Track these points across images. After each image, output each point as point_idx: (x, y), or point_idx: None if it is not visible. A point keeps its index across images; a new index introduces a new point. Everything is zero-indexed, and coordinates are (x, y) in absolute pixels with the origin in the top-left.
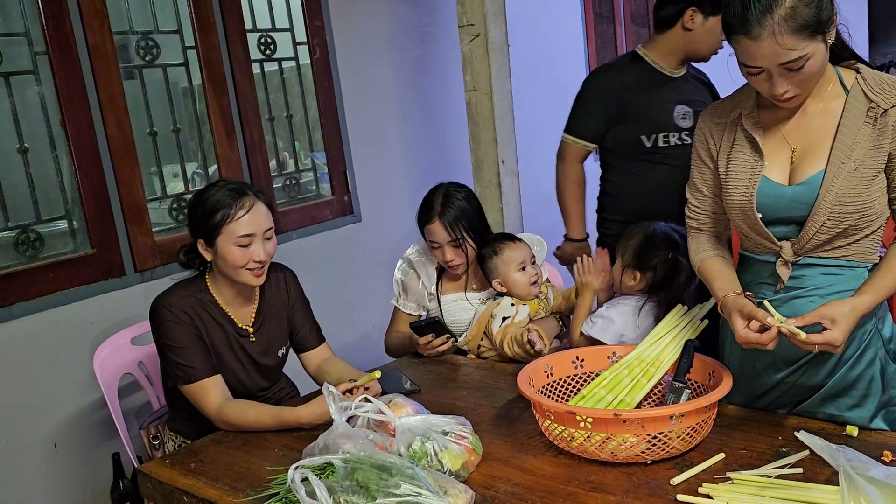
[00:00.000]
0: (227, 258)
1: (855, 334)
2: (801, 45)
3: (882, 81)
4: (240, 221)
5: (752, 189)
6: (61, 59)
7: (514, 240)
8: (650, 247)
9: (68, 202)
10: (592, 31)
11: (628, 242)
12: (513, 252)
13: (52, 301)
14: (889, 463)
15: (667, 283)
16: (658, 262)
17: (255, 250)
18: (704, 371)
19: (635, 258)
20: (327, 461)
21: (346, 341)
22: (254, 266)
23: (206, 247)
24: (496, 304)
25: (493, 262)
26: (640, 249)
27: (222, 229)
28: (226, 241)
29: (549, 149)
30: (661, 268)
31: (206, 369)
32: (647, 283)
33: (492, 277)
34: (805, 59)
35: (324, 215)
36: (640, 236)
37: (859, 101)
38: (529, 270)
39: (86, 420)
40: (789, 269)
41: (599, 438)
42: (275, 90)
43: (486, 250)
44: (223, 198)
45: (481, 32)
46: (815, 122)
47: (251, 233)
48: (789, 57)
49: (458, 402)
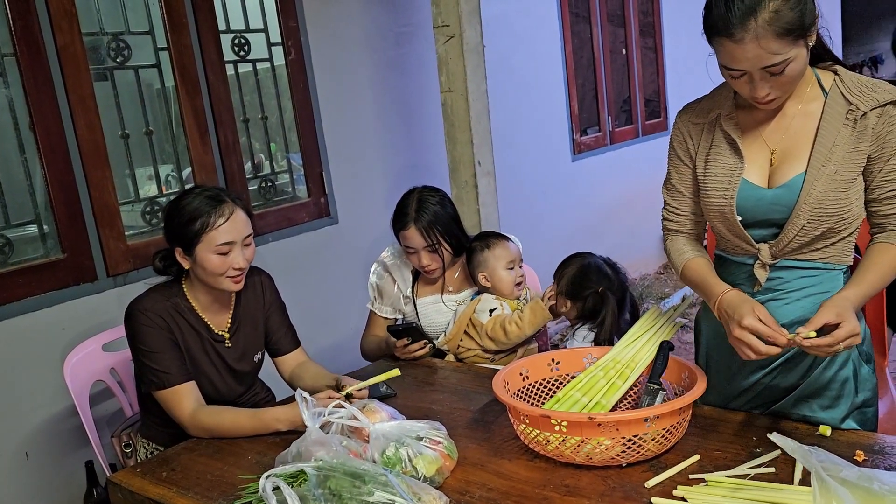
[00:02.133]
0: (207, 266)
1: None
2: (784, 49)
3: (861, 83)
4: (220, 230)
5: (731, 191)
6: (29, 61)
7: (506, 238)
8: (583, 279)
9: (38, 206)
10: (569, 31)
11: (564, 271)
12: (503, 249)
13: (22, 307)
14: (861, 462)
15: (595, 314)
16: (588, 295)
17: (235, 257)
18: (679, 372)
19: (568, 287)
20: (300, 469)
21: (322, 344)
22: (233, 273)
23: (185, 255)
24: (477, 300)
25: (484, 256)
26: (573, 280)
27: (202, 238)
28: (205, 250)
29: (525, 149)
30: (591, 300)
31: (181, 375)
32: (577, 312)
33: (478, 271)
34: (787, 62)
35: (300, 217)
36: (576, 267)
37: (838, 103)
38: (517, 271)
39: (58, 428)
40: (767, 272)
41: (574, 442)
42: (249, 91)
43: (478, 244)
44: (201, 205)
45: (456, 33)
46: (794, 123)
47: (231, 241)
48: (772, 61)
49: (434, 405)
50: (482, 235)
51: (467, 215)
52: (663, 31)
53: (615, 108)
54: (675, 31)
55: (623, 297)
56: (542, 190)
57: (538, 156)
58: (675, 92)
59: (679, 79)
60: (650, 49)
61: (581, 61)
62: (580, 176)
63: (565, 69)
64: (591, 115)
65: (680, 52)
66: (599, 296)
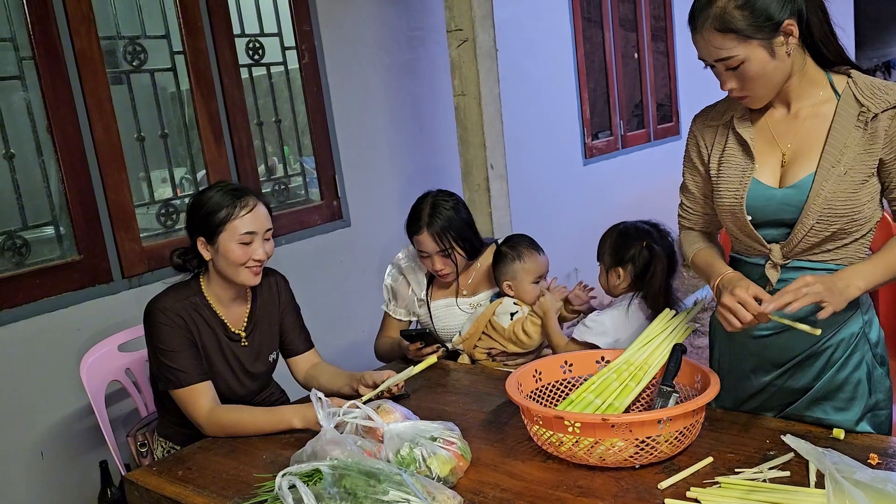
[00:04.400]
0: (229, 256)
1: (842, 337)
2: (727, 45)
3: (874, 86)
4: (243, 219)
5: (742, 191)
6: (48, 65)
7: (538, 250)
8: (624, 240)
9: (55, 208)
10: (581, 36)
11: (604, 244)
12: (535, 263)
13: (38, 308)
14: (875, 466)
15: (648, 271)
16: (635, 253)
17: (256, 249)
18: (692, 375)
19: (613, 256)
20: (315, 468)
21: (336, 346)
22: (253, 265)
23: (207, 245)
24: (498, 303)
25: (514, 266)
26: (615, 246)
27: (226, 226)
28: (228, 239)
29: (537, 153)
30: (640, 258)
31: (198, 374)
32: (631, 277)
33: (504, 279)
34: (737, 60)
35: (313, 220)
36: (613, 235)
37: (850, 105)
38: (542, 284)
39: (73, 427)
40: (778, 272)
41: (588, 443)
42: (263, 95)
43: (510, 252)
44: (225, 197)
45: (469, 37)
46: (805, 125)
47: (253, 230)
48: (719, 55)
49: (447, 407)
50: (514, 242)
51: (479, 218)
52: (675, 36)
53: (627, 113)
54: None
55: (672, 252)
56: (554, 193)
57: (550, 160)
58: (686, 96)
59: (691, 83)
60: (662, 53)
61: (593, 66)
62: (592, 180)
63: (577, 73)
64: (602, 120)
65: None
66: (647, 250)
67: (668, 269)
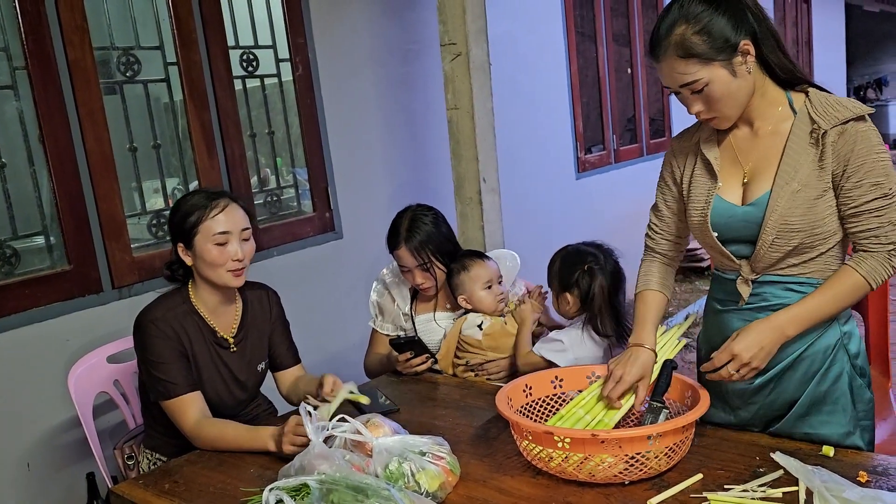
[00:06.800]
0: (206, 257)
1: (817, 349)
2: (690, 69)
3: (827, 103)
4: (216, 219)
5: (706, 209)
6: (40, 75)
7: (482, 257)
8: (567, 265)
9: (45, 218)
10: (574, 50)
11: (551, 270)
12: (480, 270)
13: (27, 317)
14: (864, 483)
15: (592, 293)
16: (578, 277)
17: (233, 249)
18: (682, 391)
19: (559, 281)
20: (303, 482)
21: (326, 358)
22: (233, 266)
23: (186, 250)
24: (463, 319)
25: (461, 279)
26: (560, 271)
27: (199, 228)
28: (203, 241)
29: (530, 167)
30: (583, 280)
31: (187, 385)
32: (579, 301)
33: (458, 293)
34: (701, 83)
35: (305, 232)
36: (558, 260)
37: (804, 122)
38: (495, 289)
39: (60, 439)
40: (749, 287)
41: (577, 459)
42: (257, 106)
43: (455, 266)
44: (199, 200)
45: (463, 51)
46: (764, 143)
47: (227, 230)
48: (684, 80)
49: (437, 421)
50: (459, 257)
51: (472, 232)
52: None
53: (620, 127)
54: None
55: (615, 270)
56: (547, 207)
57: (543, 173)
58: (679, 111)
59: None
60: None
61: (586, 80)
62: (584, 194)
63: (570, 88)
64: (595, 134)
65: None
66: (587, 273)
67: (613, 288)
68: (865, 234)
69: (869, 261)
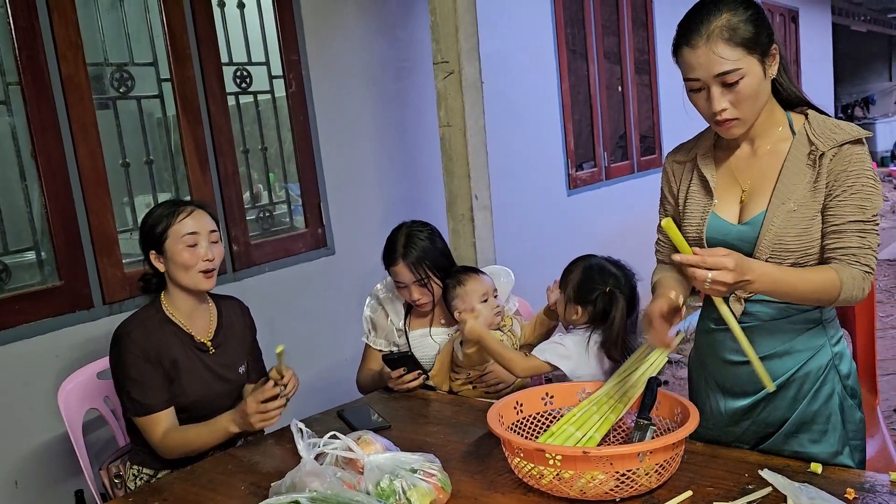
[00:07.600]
0: (178, 259)
1: (809, 369)
2: (733, 55)
3: (825, 125)
4: (184, 222)
5: (702, 226)
6: (34, 90)
7: (477, 272)
8: (588, 281)
9: (37, 233)
10: (566, 68)
11: (569, 277)
12: (475, 284)
13: (17, 333)
14: (851, 501)
15: (605, 316)
16: (597, 297)
17: (203, 250)
18: (672, 408)
19: (576, 293)
20: (294, 499)
21: (318, 374)
22: (203, 266)
23: (158, 256)
24: (458, 335)
25: (457, 293)
26: (579, 284)
27: (168, 232)
28: (174, 243)
29: (521, 184)
30: (600, 301)
31: (160, 403)
32: (588, 317)
33: (454, 308)
34: (739, 73)
35: (297, 248)
36: (580, 271)
37: (803, 143)
38: (491, 303)
39: (49, 456)
40: (742, 305)
41: (568, 476)
42: (250, 122)
43: (450, 281)
44: (165, 209)
45: (455, 69)
46: (762, 162)
47: (195, 231)
48: (723, 67)
49: (429, 438)
50: (454, 272)
51: (463, 248)
52: (658, 69)
53: (611, 144)
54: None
55: (633, 295)
56: (538, 224)
57: (534, 190)
58: (669, 128)
59: (674, 115)
60: (646, 86)
61: (577, 97)
62: (576, 211)
63: (562, 105)
64: (586, 151)
65: (675, 89)
66: (608, 296)
67: (628, 310)
68: (845, 252)
69: (851, 271)
